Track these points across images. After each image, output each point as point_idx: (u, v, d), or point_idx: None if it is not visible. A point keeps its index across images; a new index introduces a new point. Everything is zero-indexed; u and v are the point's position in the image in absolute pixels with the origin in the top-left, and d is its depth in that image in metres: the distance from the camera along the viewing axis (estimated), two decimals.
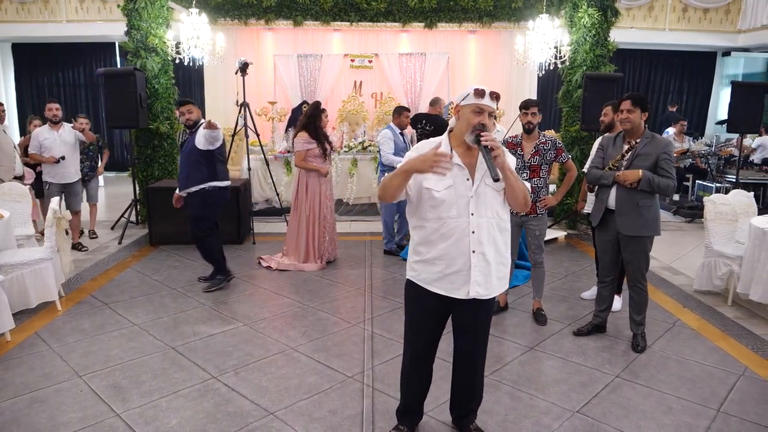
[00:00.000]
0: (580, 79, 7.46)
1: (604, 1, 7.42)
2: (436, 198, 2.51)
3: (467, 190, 2.51)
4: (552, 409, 3.21)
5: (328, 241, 5.95)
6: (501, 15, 9.42)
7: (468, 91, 2.50)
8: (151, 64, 7.30)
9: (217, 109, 10.10)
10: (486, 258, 2.54)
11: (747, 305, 4.81)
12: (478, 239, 2.51)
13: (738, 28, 12.41)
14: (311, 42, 10.14)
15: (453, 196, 2.51)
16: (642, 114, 3.80)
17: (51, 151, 6.36)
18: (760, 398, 3.34)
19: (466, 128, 2.49)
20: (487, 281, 2.57)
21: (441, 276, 2.56)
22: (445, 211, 2.51)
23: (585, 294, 5.08)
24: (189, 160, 5.02)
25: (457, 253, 2.52)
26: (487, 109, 2.47)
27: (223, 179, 5.14)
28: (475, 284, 2.54)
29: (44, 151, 6.37)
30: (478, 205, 2.51)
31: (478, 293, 2.56)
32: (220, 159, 5.13)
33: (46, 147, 6.36)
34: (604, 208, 3.94)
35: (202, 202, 5.07)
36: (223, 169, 5.18)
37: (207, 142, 4.87)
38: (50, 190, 6.38)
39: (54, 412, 3.13)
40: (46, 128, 6.45)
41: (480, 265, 2.53)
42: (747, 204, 5.31)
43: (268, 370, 3.64)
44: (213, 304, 4.83)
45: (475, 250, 2.51)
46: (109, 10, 10.95)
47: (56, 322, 4.41)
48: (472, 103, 2.48)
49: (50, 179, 6.45)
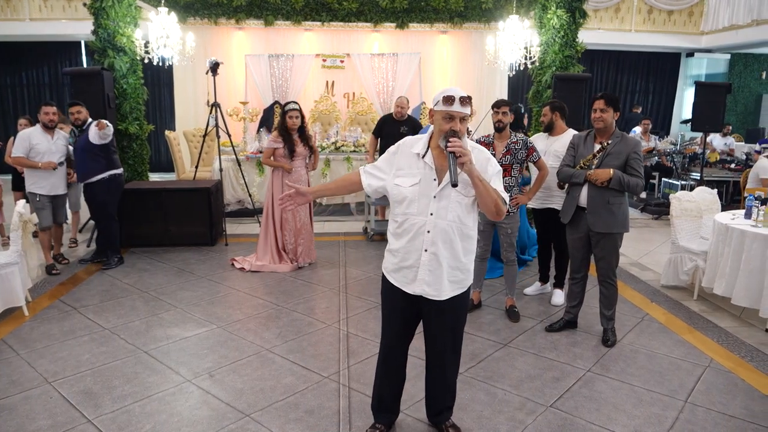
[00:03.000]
0: (550, 79, 7.58)
1: (572, 3, 7.54)
2: (402, 194, 2.58)
3: (431, 189, 2.55)
4: (526, 404, 3.26)
5: (302, 244, 5.93)
6: (471, 16, 9.51)
7: (438, 97, 2.52)
8: (119, 63, 7.16)
9: (187, 109, 9.98)
10: (438, 259, 2.57)
11: (711, 299, 4.96)
12: (432, 239, 2.55)
13: (701, 30, 12.77)
14: (282, 42, 10.08)
15: (417, 194, 2.56)
16: (614, 113, 3.88)
17: (45, 158, 5.60)
18: (725, 389, 3.45)
19: (439, 134, 2.52)
20: (436, 282, 2.59)
21: (397, 268, 2.66)
22: (407, 207, 2.58)
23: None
24: (88, 155, 5.65)
25: (411, 249, 2.59)
26: (458, 115, 2.47)
27: (119, 167, 6.00)
28: (422, 282, 2.59)
29: (36, 156, 5.57)
30: (440, 207, 2.54)
31: (425, 291, 2.61)
32: (113, 150, 5.91)
33: (39, 152, 5.57)
34: (576, 205, 4.02)
35: (106, 189, 5.78)
36: (117, 158, 6.01)
37: (100, 138, 5.60)
38: (40, 203, 5.63)
39: (23, 420, 3.06)
40: (39, 130, 5.65)
41: (430, 264, 2.57)
42: (711, 201, 5.46)
43: (243, 372, 3.61)
44: (186, 306, 4.77)
45: (427, 249, 2.56)
46: (74, 9, 10.71)
47: (23, 327, 4.31)
48: (443, 110, 2.49)
49: (39, 190, 5.62)
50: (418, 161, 2.58)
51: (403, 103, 7.02)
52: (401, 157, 2.63)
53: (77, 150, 5.74)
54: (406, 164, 2.60)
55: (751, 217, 4.62)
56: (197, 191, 6.53)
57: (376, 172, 2.69)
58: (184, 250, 6.34)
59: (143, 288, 5.23)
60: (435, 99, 2.55)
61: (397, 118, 7.01)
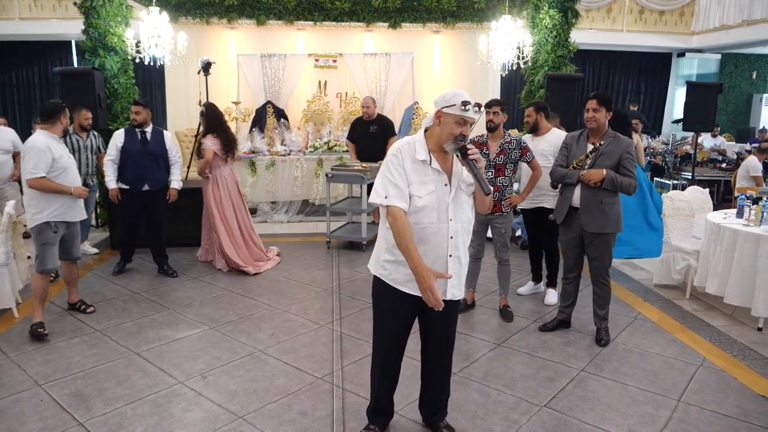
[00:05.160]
0: (542, 79, 7.60)
1: (564, 3, 7.57)
2: (419, 204, 2.50)
3: (446, 195, 2.54)
4: (520, 404, 3.25)
5: (240, 246, 5.82)
6: (464, 15, 9.51)
7: (454, 101, 2.45)
8: (110, 63, 7.13)
9: (179, 109, 9.91)
10: (460, 261, 2.63)
11: (704, 298, 4.98)
12: (455, 244, 2.57)
13: (692, 30, 12.85)
14: (275, 41, 10.03)
15: (434, 201, 2.52)
16: (607, 113, 3.89)
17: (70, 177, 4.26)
18: (718, 387, 3.46)
19: (447, 137, 2.48)
20: (460, 283, 2.67)
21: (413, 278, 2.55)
22: (426, 216, 2.52)
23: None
24: (160, 161, 5.46)
25: (434, 257, 2.55)
26: (471, 120, 2.47)
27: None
28: (451, 287, 2.62)
29: (58, 174, 4.16)
30: (456, 210, 2.56)
31: (454, 295, 2.65)
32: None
33: (60, 167, 4.17)
34: (569, 206, 4.02)
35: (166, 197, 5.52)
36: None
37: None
38: (48, 234, 4.13)
39: (13, 423, 3.02)
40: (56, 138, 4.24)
41: (455, 268, 2.60)
42: (703, 200, 5.49)
43: (236, 374, 3.59)
44: (178, 307, 4.74)
45: (452, 254, 2.57)
46: (64, 8, 10.64)
47: (13, 329, 4.27)
48: (458, 114, 2.44)
49: (52, 217, 4.14)
50: (425, 168, 2.52)
51: (368, 103, 7.09)
52: (407, 165, 2.52)
53: (145, 154, 5.41)
54: (413, 171, 2.51)
55: (742, 216, 4.65)
56: (189, 192, 6.49)
57: (401, 186, 2.48)
58: (176, 251, 6.30)
59: (134, 289, 5.19)
60: (447, 101, 2.47)
61: (366, 119, 7.09)
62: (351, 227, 7.16)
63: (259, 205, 8.41)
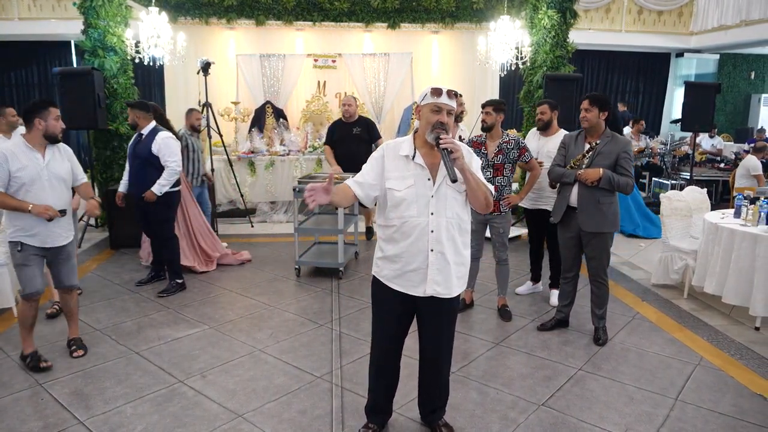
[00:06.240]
0: (541, 79, 7.60)
1: (563, 3, 7.57)
2: (397, 197, 2.56)
3: (428, 189, 2.56)
4: (518, 402, 3.27)
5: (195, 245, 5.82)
6: (463, 16, 9.51)
7: (426, 91, 2.56)
8: (110, 63, 7.12)
9: (178, 109, 9.88)
10: (445, 257, 2.59)
11: (702, 297, 4.99)
12: (437, 238, 2.56)
13: (690, 30, 12.87)
14: (274, 41, 10.04)
15: (413, 195, 2.55)
16: (600, 113, 3.91)
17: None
18: (715, 386, 3.48)
19: (426, 127, 2.53)
20: (446, 280, 2.62)
21: (400, 273, 2.62)
22: (405, 210, 2.56)
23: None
24: (148, 166, 4.95)
25: (415, 251, 2.57)
26: (445, 107, 2.51)
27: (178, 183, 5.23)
28: (433, 282, 2.59)
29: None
30: (438, 205, 2.56)
31: (436, 291, 2.61)
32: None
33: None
34: (566, 205, 4.04)
35: (166, 204, 5.06)
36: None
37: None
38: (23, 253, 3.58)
39: (13, 422, 3.04)
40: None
41: (438, 263, 2.58)
42: (701, 200, 5.50)
43: (236, 373, 3.60)
44: (177, 307, 4.75)
45: (433, 248, 2.56)
46: (63, 8, 10.65)
47: (14, 329, 4.26)
48: (430, 102, 2.52)
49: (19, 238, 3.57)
50: (407, 163, 2.58)
51: (349, 102, 6.61)
52: (388, 161, 2.60)
53: (136, 158, 5.02)
54: (395, 167, 2.59)
55: (740, 216, 4.66)
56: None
57: (368, 179, 2.61)
58: None
59: (134, 289, 5.21)
60: (422, 94, 2.58)
61: (347, 120, 6.65)
62: (320, 249, 6.14)
63: (258, 205, 8.43)
